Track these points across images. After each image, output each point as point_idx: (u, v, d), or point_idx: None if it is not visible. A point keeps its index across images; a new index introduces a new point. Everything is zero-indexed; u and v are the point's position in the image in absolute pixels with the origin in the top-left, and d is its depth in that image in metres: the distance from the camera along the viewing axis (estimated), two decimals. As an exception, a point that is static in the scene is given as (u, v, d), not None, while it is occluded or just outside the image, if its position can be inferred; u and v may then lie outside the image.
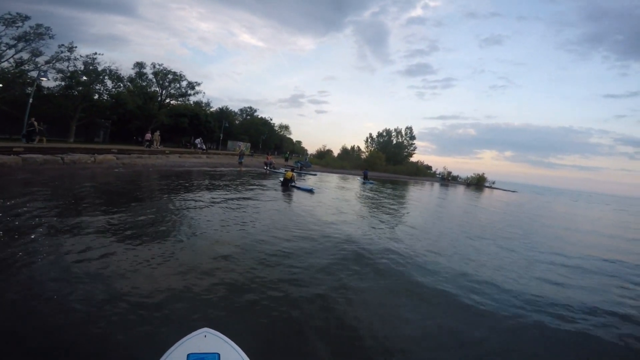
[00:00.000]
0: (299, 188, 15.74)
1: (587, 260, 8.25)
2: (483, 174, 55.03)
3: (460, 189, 40.12)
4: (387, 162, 56.65)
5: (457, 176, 57.41)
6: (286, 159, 36.79)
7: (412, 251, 6.92)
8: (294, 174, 17.91)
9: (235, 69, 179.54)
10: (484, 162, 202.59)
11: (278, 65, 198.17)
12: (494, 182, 55.01)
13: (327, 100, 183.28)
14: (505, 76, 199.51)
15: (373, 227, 9.12)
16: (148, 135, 28.90)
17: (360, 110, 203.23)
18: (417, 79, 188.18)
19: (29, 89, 19.95)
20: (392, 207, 14.64)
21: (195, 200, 9.67)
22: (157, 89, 34.47)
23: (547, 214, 21.46)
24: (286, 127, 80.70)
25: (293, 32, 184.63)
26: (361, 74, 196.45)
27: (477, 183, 53.01)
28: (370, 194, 19.22)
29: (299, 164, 34.63)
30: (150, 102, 33.15)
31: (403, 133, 67.13)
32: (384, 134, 67.60)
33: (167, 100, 35.89)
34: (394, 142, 66.40)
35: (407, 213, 13.55)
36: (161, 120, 34.44)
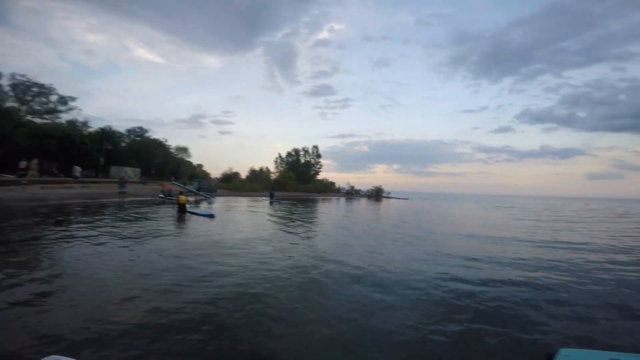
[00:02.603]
0: (196, 214, 14.11)
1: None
2: (380, 186, 60.94)
3: (364, 202, 43.16)
4: (297, 181, 57.46)
5: (359, 190, 62.02)
6: (184, 184, 33.01)
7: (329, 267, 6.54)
8: (188, 197, 16.18)
9: (125, 86, 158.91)
10: (377, 175, 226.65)
11: (178, 84, 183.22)
12: (389, 193, 61.30)
13: (232, 121, 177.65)
14: (391, 96, 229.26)
15: (275, 247, 8.49)
16: (23, 163, 22.57)
17: (268, 131, 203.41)
18: (320, 99, 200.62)
19: None
20: (303, 223, 14.34)
21: (58, 245, 7.49)
22: (15, 104, 27.59)
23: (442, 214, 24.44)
24: (184, 149, 74.43)
25: (198, 49, 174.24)
26: (270, 94, 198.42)
27: (377, 195, 58.18)
28: (278, 214, 18.63)
29: (197, 185, 31.98)
30: (2, 119, 26.11)
31: (310, 152, 69.69)
32: (293, 153, 68.93)
33: (28, 117, 28.99)
34: (302, 161, 68.25)
35: (320, 230, 13.38)
36: (17, 141, 27.39)
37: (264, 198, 33.94)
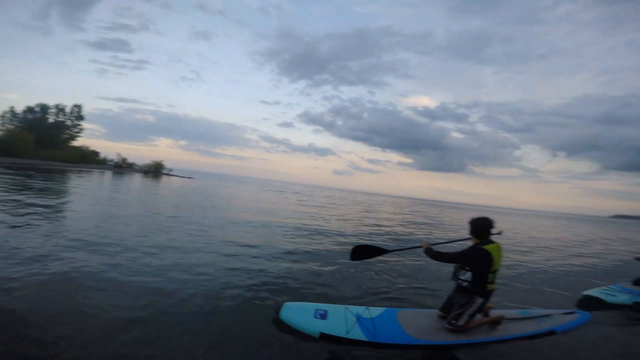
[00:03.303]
0: None
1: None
2: (162, 161, 55.19)
3: (138, 178, 37.79)
4: (38, 146, 43.01)
5: (134, 164, 53.78)
6: None
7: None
8: None
9: None
10: (160, 149, 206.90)
11: None
12: (171, 170, 56.82)
13: None
14: (197, 70, 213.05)
15: None
16: None
17: (2, 77, 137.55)
18: (105, 53, 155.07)
19: None
20: (36, 205, 10.40)
21: None
22: None
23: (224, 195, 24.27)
24: None
25: None
26: (27, 34, 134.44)
27: (155, 171, 52.42)
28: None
29: None
30: None
31: (67, 111, 53.32)
32: (37, 109, 51.45)
33: None
34: (52, 120, 51.60)
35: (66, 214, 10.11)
36: None
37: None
